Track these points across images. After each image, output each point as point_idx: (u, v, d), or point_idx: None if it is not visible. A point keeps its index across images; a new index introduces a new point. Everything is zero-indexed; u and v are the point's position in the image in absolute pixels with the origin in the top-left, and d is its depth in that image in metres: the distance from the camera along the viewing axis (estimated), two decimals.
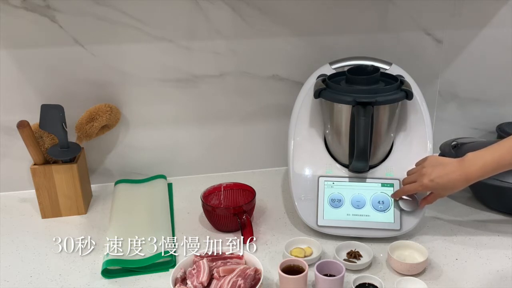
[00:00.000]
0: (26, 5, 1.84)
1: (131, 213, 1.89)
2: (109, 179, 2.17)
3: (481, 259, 1.65)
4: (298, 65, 2.09)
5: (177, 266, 1.53)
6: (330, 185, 1.78)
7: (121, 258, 1.62)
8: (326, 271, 1.50)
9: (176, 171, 2.22)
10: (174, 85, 2.06)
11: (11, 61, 1.91)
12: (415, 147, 1.81)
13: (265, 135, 2.23)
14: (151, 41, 1.97)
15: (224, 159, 2.25)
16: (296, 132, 1.86)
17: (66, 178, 1.90)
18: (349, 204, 1.76)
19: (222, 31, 2.01)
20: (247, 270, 1.49)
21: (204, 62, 2.05)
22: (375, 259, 1.65)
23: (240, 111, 2.17)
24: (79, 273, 1.62)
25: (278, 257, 1.67)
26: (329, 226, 1.75)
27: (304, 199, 1.79)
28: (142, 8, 1.92)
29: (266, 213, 1.96)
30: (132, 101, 2.07)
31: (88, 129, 1.96)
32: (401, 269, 1.57)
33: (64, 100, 1.92)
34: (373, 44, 2.11)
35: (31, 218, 1.95)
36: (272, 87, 2.14)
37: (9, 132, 1.99)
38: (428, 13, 2.10)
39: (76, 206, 1.95)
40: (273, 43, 2.06)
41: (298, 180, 1.82)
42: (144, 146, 2.16)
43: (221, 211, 1.83)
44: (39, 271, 1.64)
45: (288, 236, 1.76)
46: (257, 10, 1.99)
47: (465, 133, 2.31)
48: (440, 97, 2.27)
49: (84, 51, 1.94)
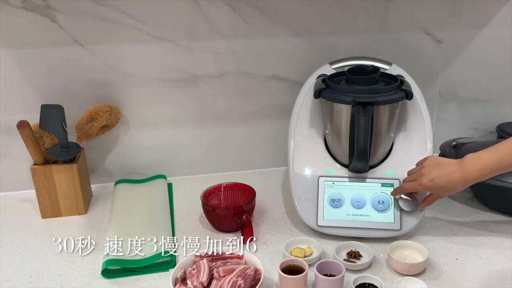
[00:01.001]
0: (26, 5, 1.83)
1: (131, 213, 1.89)
2: (109, 179, 2.17)
3: (481, 259, 1.65)
4: (298, 65, 2.09)
5: (177, 266, 1.53)
6: (330, 185, 1.78)
7: (121, 258, 1.62)
8: (326, 271, 1.50)
9: (176, 171, 2.22)
10: (174, 85, 2.06)
11: (11, 61, 1.91)
12: (415, 147, 1.81)
13: (265, 135, 2.23)
14: (151, 41, 1.97)
15: (224, 159, 2.25)
16: (296, 132, 1.86)
17: (66, 178, 1.90)
18: (349, 204, 1.76)
19: (222, 31, 2.00)
20: (247, 270, 1.48)
21: (204, 62, 2.05)
22: (375, 259, 1.65)
23: (240, 111, 2.17)
24: (79, 273, 1.62)
25: (278, 257, 1.67)
26: (329, 226, 1.74)
27: (304, 199, 1.78)
28: (142, 8, 1.91)
29: (266, 213, 1.95)
30: (132, 101, 2.06)
31: (88, 129, 1.96)
32: (401, 269, 1.57)
33: (64, 100, 1.91)
34: (373, 44, 2.10)
35: (31, 218, 1.94)
36: (272, 87, 2.14)
37: (9, 132, 1.99)
38: (428, 13, 2.10)
39: (76, 206, 1.94)
40: (273, 43, 2.06)
41: (298, 180, 1.81)
42: (144, 146, 2.15)
43: (221, 211, 1.83)
44: (39, 271, 1.63)
45: (288, 236, 1.76)
46: (257, 10, 1.99)
47: (465, 133, 2.31)
48: (440, 97, 2.27)
49: (84, 51, 1.94)
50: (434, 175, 1.58)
